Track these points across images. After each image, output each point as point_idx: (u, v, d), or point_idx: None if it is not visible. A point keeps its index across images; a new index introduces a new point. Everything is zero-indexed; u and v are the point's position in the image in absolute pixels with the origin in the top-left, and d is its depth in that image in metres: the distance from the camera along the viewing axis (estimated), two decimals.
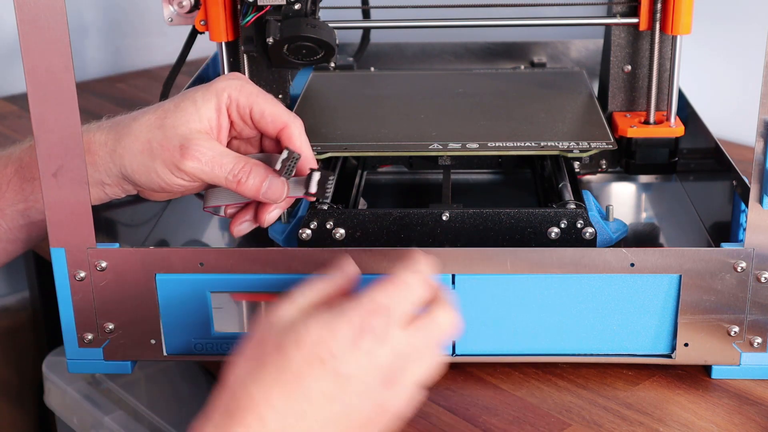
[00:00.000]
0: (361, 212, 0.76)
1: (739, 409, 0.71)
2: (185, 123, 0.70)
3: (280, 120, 0.73)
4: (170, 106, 0.72)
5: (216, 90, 0.72)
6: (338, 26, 0.88)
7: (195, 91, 0.73)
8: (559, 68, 1.14)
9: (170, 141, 0.70)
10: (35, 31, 0.66)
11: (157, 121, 0.71)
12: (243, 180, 0.70)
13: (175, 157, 0.69)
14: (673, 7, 0.85)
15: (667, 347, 0.74)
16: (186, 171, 0.70)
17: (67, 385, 1.11)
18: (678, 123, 0.89)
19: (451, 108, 0.94)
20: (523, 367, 0.76)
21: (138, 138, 0.71)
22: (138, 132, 0.71)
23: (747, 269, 0.71)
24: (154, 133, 0.70)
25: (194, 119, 0.71)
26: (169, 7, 0.87)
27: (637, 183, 0.99)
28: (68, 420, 1.12)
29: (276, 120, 0.72)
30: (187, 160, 0.69)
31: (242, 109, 0.72)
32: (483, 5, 0.93)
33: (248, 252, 0.72)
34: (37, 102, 0.67)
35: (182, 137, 0.70)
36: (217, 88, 0.72)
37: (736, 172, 0.78)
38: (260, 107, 0.72)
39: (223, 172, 0.70)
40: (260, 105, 0.72)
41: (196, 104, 0.71)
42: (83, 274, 0.73)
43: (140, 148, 0.70)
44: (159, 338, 0.75)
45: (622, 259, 0.71)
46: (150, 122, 0.71)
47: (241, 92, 0.72)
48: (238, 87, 0.72)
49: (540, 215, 0.75)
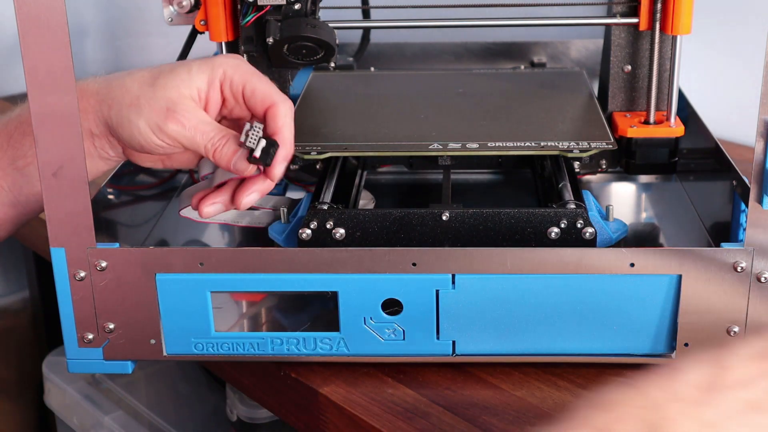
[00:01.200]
0: (361, 212, 0.76)
1: None
2: (176, 86, 0.72)
3: (269, 98, 0.74)
4: (165, 67, 0.74)
5: (213, 64, 0.74)
6: (338, 26, 0.88)
7: (191, 61, 0.75)
8: (559, 68, 1.14)
9: (158, 101, 0.71)
10: (35, 31, 0.66)
11: (150, 78, 0.72)
12: (219, 148, 0.72)
13: (159, 118, 0.71)
14: (673, 7, 0.85)
15: (667, 347, 0.74)
16: (168, 133, 0.71)
17: (67, 385, 1.11)
18: (678, 123, 0.89)
19: (451, 108, 0.94)
20: (523, 367, 0.76)
21: (128, 91, 0.72)
22: (129, 85, 0.72)
23: (747, 269, 0.71)
24: (144, 89, 0.72)
25: (185, 85, 0.72)
26: (169, 7, 0.87)
27: (637, 183, 0.99)
28: (68, 420, 1.12)
29: (265, 98, 0.74)
30: (171, 123, 0.71)
31: (235, 86, 0.74)
32: (483, 5, 0.93)
33: (248, 252, 0.72)
34: (37, 102, 0.67)
35: (170, 100, 0.71)
36: (214, 62, 0.74)
37: (736, 172, 0.78)
38: (252, 85, 0.74)
39: (203, 139, 0.72)
40: (252, 83, 0.74)
41: (191, 72, 0.73)
42: (83, 274, 0.73)
43: (128, 101, 0.72)
44: (159, 338, 0.75)
45: (622, 259, 0.71)
46: (143, 78, 0.73)
47: (236, 70, 0.74)
48: (234, 65, 0.75)
49: (540, 215, 0.75)
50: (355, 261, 0.71)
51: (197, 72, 0.73)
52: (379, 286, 0.72)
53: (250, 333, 0.75)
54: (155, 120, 0.71)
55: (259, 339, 0.74)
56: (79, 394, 1.09)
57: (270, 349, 0.75)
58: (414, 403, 0.72)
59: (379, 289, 0.72)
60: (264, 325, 0.79)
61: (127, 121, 0.72)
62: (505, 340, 0.74)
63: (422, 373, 0.76)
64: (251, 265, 0.72)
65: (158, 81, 0.72)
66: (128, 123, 0.72)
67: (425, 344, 0.74)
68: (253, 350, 0.75)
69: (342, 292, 0.72)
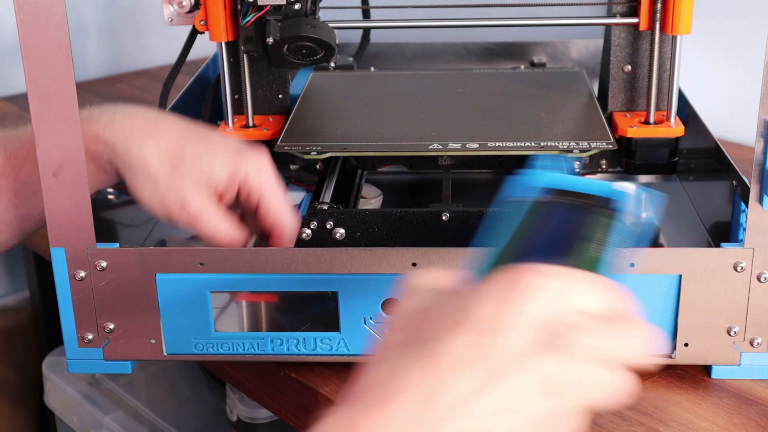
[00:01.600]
0: (361, 212, 0.76)
1: (739, 409, 0.71)
2: (195, 182, 0.71)
3: (279, 219, 0.74)
4: (189, 149, 0.72)
5: (238, 163, 0.72)
6: (338, 26, 0.88)
7: (217, 150, 0.72)
8: (559, 68, 1.14)
9: (174, 192, 0.71)
10: (35, 31, 0.66)
11: (171, 158, 0.71)
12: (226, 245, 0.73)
13: (171, 207, 0.71)
14: (673, 7, 0.85)
15: (667, 347, 0.74)
16: (178, 223, 0.72)
17: (67, 385, 1.11)
18: (678, 123, 0.89)
19: (451, 108, 0.94)
20: None
21: (145, 164, 0.71)
22: (149, 158, 0.71)
23: (747, 269, 0.71)
24: (162, 171, 0.71)
25: (203, 180, 0.71)
26: (169, 7, 0.87)
27: (637, 183, 0.99)
28: (68, 420, 1.12)
29: (276, 218, 0.74)
30: (181, 220, 0.71)
31: (252, 196, 0.73)
32: (483, 5, 0.93)
33: (248, 252, 0.72)
34: (37, 102, 0.67)
35: (185, 197, 0.71)
36: (239, 160, 0.72)
37: (736, 172, 0.78)
38: (267, 200, 0.73)
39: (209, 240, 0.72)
40: (267, 198, 0.73)
41: (214, 167, 0.71)
42: (83, 274, 0.73)
43: (144, 175, 0.71)
44: (159, 338, 0.75)
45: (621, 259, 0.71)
46: (162, 155, 0.71)
47: (257, 177, 0.73)
48: (256, 169, 0.73)
49: None
50: (355, 261, 0.71)
51: (221, 169, 0.72)
52: (379, 286, 0.72)
53: (250, 333, 0.75)
54: (168, 207, 0.71)
55: (259, 339, 0.74)
56: (79, 394, 1.09)
57: (270, 349, 0.75)
58: None
59: (379, 289, 0.72)
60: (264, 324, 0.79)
61: (140, 191, 0.71)
62: None
63: None
64: (251, 265, 0.72)
65: (179, 168, 0.71)
66: (141, 192, 0.71)
67: None
68: (253, 350, 0.75)
69: (342, 292, 0.72)
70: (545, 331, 0.45)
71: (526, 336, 0.45)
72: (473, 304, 0.46)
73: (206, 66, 1.11)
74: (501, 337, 0.45)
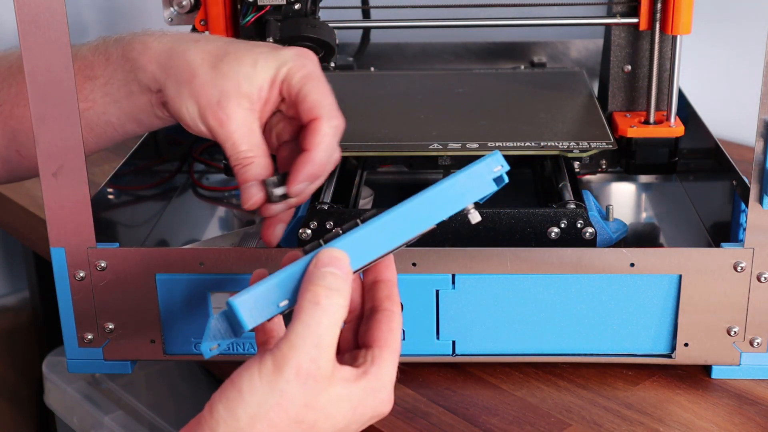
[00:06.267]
0: (361, 212, 0.76)
1: (739, 409, 0.71)
2: (236, 80, 0.68)
3: (315, 110, 0.68)
4: (232, 50, 0.69)
5: (280, 59, 0.69)
6: (338, 26, 0.88)
7: (261, 49, 0.70)
8: (559, 68, 1.14)
9: (213, 89, 0.68)
10: (35, 31, 0.66)
11: (213, 58, 0.69)
12: (240, 166, 0.69)
13: (207, 107, 0.68)
14: (673, 7, 0.85)
15: (667, 347, 0.74)
16: (208, 125, 0.69)
17: (67, 385, 1.11)
18: (678, 123, 0.89)
19: (451, 108, 0.94)
20: (523, 367, 0.76)
21: (189, 66, 0.69)
22: (192, 59, 0.69)
23: (747, 269, 0.71)
24: (204, 69, 0.68)
25: (246, 80, 0.68)
26: (169, 8, 0.87)
27: (637, 183, 0.99)
28: (68, 420, 1.12)
29: (312, 109, 0.68)
30: (212, 117, 0.68)
31: (292, 88, 0.69)
32: (483, 5, 0.93)
33: (248, 252, 0.72)
34: (37, 102, 0.67)
35: (224, 92, 0.68)
36: (281, 57, 0.69)
37: (736, 172, 0.78)
38: (306, 90, 0.69)
39: (232, 150, 0.69)
40: (308, 88, 0.69)
41: (256, 66, 0.68)
42: (83, 274, 0.73)
43: (186, 77, 0.69)
44: (159, 338, 0.75)
45: (622, 259, 0.71)
46: (205, 55, 0.69)
47: (299, 70, 0.69)
48: (299, 64, 0.69)
49: (540, 215, 0.75)
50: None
51: (263, 67, 0.68)
52: None
53: (251, 333, 0.75)
54: (204, 107, 0.68)
55: None
56: (79, 394, 1.09)
57: None
58: (414, 402, 0.72)
59: None
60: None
61: (178, 97, 0.69)
62: (505, 340, 0.74)
63: (422, 373, 0.76)
64: (251, 265, 0.72)
65: (221, 65, 0.68)
66: (179, 99, 0.69)
67: (425, 344, 0.74)
68: (253, 350, 0.75)
69: None
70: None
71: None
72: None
73: None
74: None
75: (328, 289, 0.55)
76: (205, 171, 1.04)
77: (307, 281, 0.56)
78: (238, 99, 0.68)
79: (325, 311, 0.55)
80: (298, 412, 0.54)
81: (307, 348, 0.54)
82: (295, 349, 0.54)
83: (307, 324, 0.54)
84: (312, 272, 0.56)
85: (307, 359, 0.54)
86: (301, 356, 0.54)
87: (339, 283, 0.56)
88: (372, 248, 0.58)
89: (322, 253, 0.57)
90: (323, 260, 0.56)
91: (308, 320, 0.54)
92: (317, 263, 0.56)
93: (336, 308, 0.55)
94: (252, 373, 0.54)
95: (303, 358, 0.54)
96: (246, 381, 0.54)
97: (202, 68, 0.69)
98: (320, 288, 0.55)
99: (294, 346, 0.54)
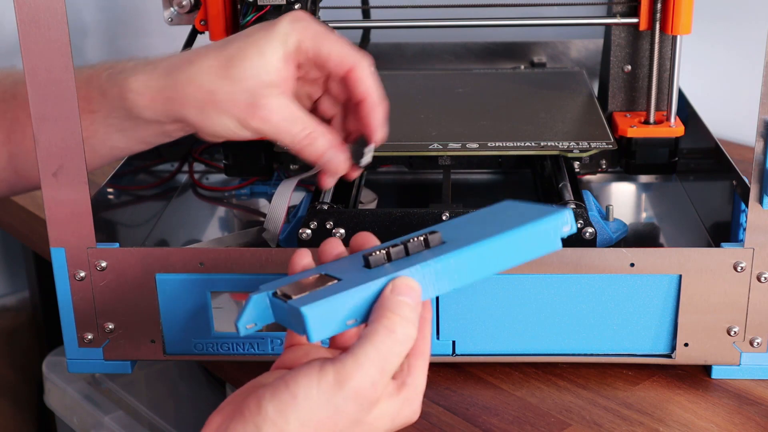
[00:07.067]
0: (361, 212, 0.76)
1: (739, 409, 0.71)
2: (254, 75, 0.67)
3: (346, 62, 0.69)
4: (233, 51, 0.68)
5: (280, 36, 0.68)
6: (338, 26, 0.88)
7: (257, 35, 0.68)
8: (559, 68, 1.14)
9: (238, 95, 0.67)
10: (35, 31, 0.66)
11: (221, 70, 0.67)
12: (305, 146, 0.68)
13: (244, 114, 0.67)
14: (673, 7, 0.85)
15: (667, 347, 0.74)
16: (253, 128, 0.68)
17: (67, 385, 1.11)
18: (678, 123, 0.89)
19: (451, 108, 0.94)
20: (523, 367, 0.76)
21: (200, 87, 0.67)
22: (199, 79, 0.68)
23: (747, 269, 0.71)
24: (218, 83, 0.67)
25: (263, 71, 0.67)
26: (169, 8, 0.87)
27: (637, 183, 0.99)
28: (68, 420, 1.12)
29: (343, 61, 0.69)
30: (254, 120, 0.67)
31: (309, 53, 0.68)
32: (483, 5, 0.93)
33: (248, 252, 0.72)
34: (37, 102, 0.67)
35: (251, 92, 0.67)
36: (281, 33, 0.68)
37: (736, 172, 0.78)
38: (327, 49, 0.68)
39: (289, 137, 0.68)
40: (326, 48, 0.68)
41: (263, 54, 0.67)
42: (83, 274, 0.73)
43: (203, 98, 0.67)
44: (159, 338, 0.75)
45: (622, 259, 0.71)
46: (212, 69, 0.67)
47: (306, 34, 0.68)
48: (302, 29, 0.68)
49: None
50: None
51: (270, 52, 0.67)
52: None
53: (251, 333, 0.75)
54: (241, 116, 0.67)
55: (259, 339, 0.74)
56: (79, 394, 1.09)
57: (270, 349, 0.75)
58: None
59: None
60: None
61: (209, 120, 0.68)
62: (505, 340, 0.74)
63: None
64: (251, 265, 0.72)
65: (232, 72, 0.67)
66: (210, 121, 0.68)
67: None
68: (253, 350, 0.75)
69: None
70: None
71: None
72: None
73: None
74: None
75: (404, 319, 0.55)
76: (205, 171, 1.04)
77: (383, 307, 0.55)
78: (267, 90, 0.67)
79: (396, 340, 0.54)
80: (345, 426, 0.54)
81: (372, 372, 0.54)
82: (360, 370, 0.53)
83: (378, 349, 0.54)
84: (388, 298, 0.55)
85: (370, 382, 0.53)
86: (365, 378, 0.53)
87: (413, 315, 0.55)
88: (437, 284, 0.57)
89: (400, 281, 0.56)
90: (400, 288, 0.56)
91: (380, 345, 0.54)
92: (393, 290, 0.56)
93: (407, 339, 0.55)
94: (310, 381, 0.53)
95: (366, 381, 0.53)
96: (303, 387, 0.53)
97: (216, 83, 0.67)
98: (396, 317, 0.55)
99: (360, 366, 0.53)
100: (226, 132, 0.69)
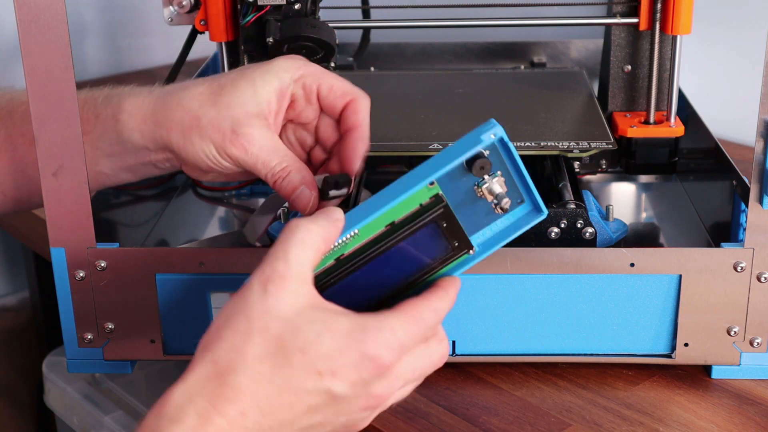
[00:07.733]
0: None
1: (739, 409, 0.71)
2: (241, 104, 0.68)
3: (349, 94, 0.71)
4: (226, 82, 0.69)
5: (277, 71, 0.69)
6: (338, 26, 0.88)
7: (253, 70, 0.70)
8: (559, 68, 1.14)
9: (222, 122, 0.67)
10: (35, 31, 0.66)
11: (211, 97, 0.68)
12: (279, 180, 0.69)
13: (224, 140, 0.68)
14: (673, 7, 0.85)
15: (667, 347, 0.74)
16: (233, 156, 0.68)
17: (67, 385, 1.11)
18: (678, 123, 0.89)
19: (451, 108, 0.94)
20: (523, 367, 0.76)
21: (188, 111, 0.68)
22: (188, 104, 0.68)
23: (747, 269, 0.71)
24: (205, 109, 0.68)
25: (251, 102, 0.68)
26: (169, 7, 0.87)
27: (637, 183, 0.99)
28: (68, 420, 1.12)
29: (345, 94, 0.71)
30: (233, 147, 0.68)
31: (308, 87, 0.70)
32: (483, 5, 0.93)
33: (248, 252, 0.72)
34: (37, 102, 0.67)
35: (235, 120, 0.68)
36: (277, 68, 0.70)
37: (736, 172, 0.78)
38: (329, 83, 0.70)
39: (264, 168, 0.68)
40: (328, 81, 0.70)
41: (255, 85, 0.68)
42: (83, 274, 0.73)
43: (189, 123, 0.68)
44: (159, 338, 0.75)
45: (622, 259, 0.71)
46: (202, 96, 0.69)
47: (308, 69, 0.70)
48: (303, 65, 0.70)
49: None
50: None
51: (262, 84, 0.69)
52: None
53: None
54: (221, 142, 0.68)
55: None
56: (79, 394, 1.09)
57: None
58: (414, 403, 0.72)
59: None
60: None
61: (191, 144, 0.68)
62: (505, 340, 0.74)
63: None
64: (251, 265, 0.71)
65: (221, 99, 0.68)
66: (192, 146, 0.68)
67: None
68: None
69: None
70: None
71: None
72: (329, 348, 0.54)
73: (206, 66, 1.11)
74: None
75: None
76: None
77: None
78: (251, 120, 0.68)
79: (296, 236, 0.57)
80: (260, 319, 0.54)
81: (272, 261, 0.56)
82: (262, 264, 0.56)
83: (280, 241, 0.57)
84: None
85: (270, 269, 0.55)
86: (266, 268, 0.55)
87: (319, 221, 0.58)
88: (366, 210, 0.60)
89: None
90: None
91: (281, 238, 0.57)
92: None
93: (305, 233, 0.57)
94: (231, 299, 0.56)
95: (267, 269, 0.55)
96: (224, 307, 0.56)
97: (203, 108, 0.68)
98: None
99: (262, 262, 0.56)
100: (205, 160, 0.69)
